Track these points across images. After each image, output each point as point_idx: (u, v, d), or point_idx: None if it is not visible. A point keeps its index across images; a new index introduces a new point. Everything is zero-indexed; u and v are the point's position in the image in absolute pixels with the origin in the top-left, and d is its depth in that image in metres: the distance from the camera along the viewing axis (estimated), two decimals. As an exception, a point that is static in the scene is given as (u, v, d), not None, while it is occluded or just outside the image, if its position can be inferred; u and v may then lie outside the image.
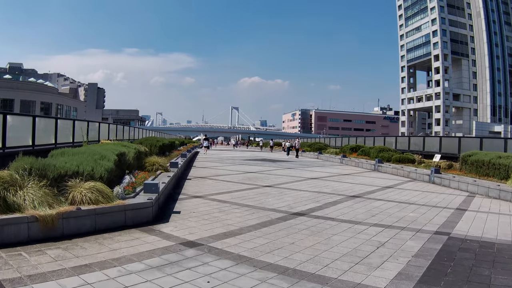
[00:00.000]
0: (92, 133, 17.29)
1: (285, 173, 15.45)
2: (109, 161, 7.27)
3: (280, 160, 25.92)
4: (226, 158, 26.39)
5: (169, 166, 11.63)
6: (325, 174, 16.00)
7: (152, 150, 15.55)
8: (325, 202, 8.88)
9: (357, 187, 12.12)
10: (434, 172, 15.15)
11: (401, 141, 26.77)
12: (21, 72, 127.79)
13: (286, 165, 20.20)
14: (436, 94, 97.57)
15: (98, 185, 6.39)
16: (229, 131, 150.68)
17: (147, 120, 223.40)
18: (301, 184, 12.02)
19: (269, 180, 12.74)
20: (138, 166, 10.12)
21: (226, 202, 8.34)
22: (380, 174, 17.48)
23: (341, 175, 15.74)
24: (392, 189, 12.06)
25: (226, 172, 15.40)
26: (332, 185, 12.22)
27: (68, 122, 15.58)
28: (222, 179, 12.57)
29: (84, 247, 5.05)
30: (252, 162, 22.31)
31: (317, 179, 13.64)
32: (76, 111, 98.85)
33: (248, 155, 31.40)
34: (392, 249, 5.49)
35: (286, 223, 6.67)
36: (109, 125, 19.68)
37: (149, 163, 10.45)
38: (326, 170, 18.02)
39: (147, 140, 16.48)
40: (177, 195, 9.08)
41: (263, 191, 10.17)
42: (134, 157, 9.56)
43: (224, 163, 20.45)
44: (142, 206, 6.39)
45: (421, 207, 9.13)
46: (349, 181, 13.79)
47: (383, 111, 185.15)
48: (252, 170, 16.55)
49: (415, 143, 25.32)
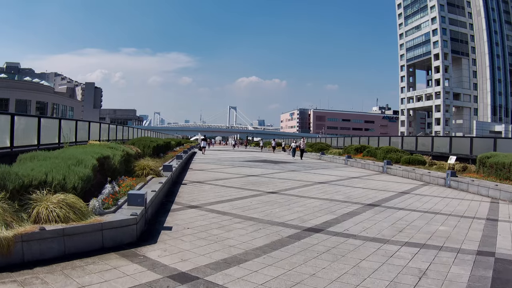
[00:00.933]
0: (81, 133, 16.08)
1: (290, 177, 14.24)
2: (86, 167, 6.05)
3: (282, 161, 24.70)
4: (225, 159, 25.18)
5: (162, 170, 10.41)
6: (332, 177, 14.80)
7: (145, 152, 14.33)
8: (342, 213, 7.68)
9: (371, 193, 10.94)
10: (450, 176, 14.05)
11: (407, 141, 25.59)
12: (18, 71, 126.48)
13: (289, 167, 18.99)
14: (436, 93, 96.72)
15: (69, 197, 5.18)
16: (227, 130, 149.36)
17: (145, 120, 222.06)
18: (309, 190, 10.81)
19: (273, 185, 11.54)
20: (126, 171, 8.89)
21: (227, 214, 7.13)
22: (390, 177, 16.31)
23: (350, 179, 14.55)
24: (410, 195, 10.89)
25: (226, 175, 14.20)
26: (343, 190, 11.02)
27: (54, 121, 14.33)
28: (222, 184, 11.36)
29: (46, 281, 3.86)
30: (253, 163, 21.08)
31: (325, 184, 12.43)
32: (72, 111, 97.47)
33: (248, 156, 30.17)
34: (438, 279, 4.36)
35: (300, 243, 5.46)
36: (101, 124, 18.42)
37: (139, 167, 9.23)
38: (332, 173, 16.82)
39: (140, 141, 15.23)
40: (169, 205, 7.87)
41: (268, 199, 8.96)
42: (121, 161, 8.34)
43: (223, 165, 19.23)
44: (123, 224, 5.17)
45: (448, 218, 8.00)
46: (361, 185, 12.60)
47: (382, 110, 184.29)
48: (253, 173, 15.34)
49: (423, 143, 24.15)
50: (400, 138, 26.49)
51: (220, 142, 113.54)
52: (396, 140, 26.75)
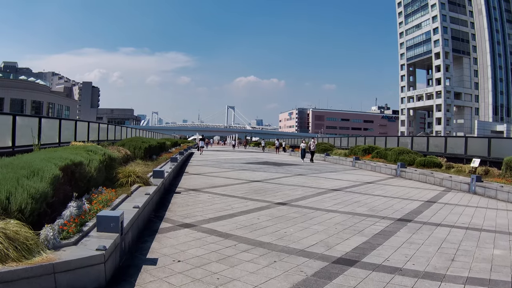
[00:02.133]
0: (67, 134, 14.55)
1: (298, 182, 12.69)
2: (42, 179, 4.51)
3: (285, 163, 23.14)
4: (224, 160, 23.61)
5: (152, 177, 8.86)
6: (345, 182, 13.28)
7: (136, 154, 12.80)
8: (372, 233, 6.17)
9: (395, 202, 9.43)
10: (475, 181, 12.61)
11: (418, 142, 24.11)
12: (16, 71, 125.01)
13: (295, 170, 17.43)
14: (437, 92, 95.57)
15: (10, 226, 3.66)
16: (225, 130, 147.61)
17: (143, 120, 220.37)
18: (324, 199, 9.28)
19: (281, 193, 10.00)
20: (107, 180, 7.36)
21: (230, 237, 5.59)
22: (407, 182, 14.82)
23: (365, 184, 13.03)
24: (438, 205, 9.41)
25: (226, 181, 12.64)
26: (363, 200, 9.49)
27: (33, 119, 12.80)
28: (221, 192, 9.82)
29: None
30: (254, 166, 19.51)
31: (340, 191, 10.89)
32: (68, 110, 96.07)
33: (248, 157, 28.56)
34: None
35: (334, 286, 3.94)
36: (89, 123, 16.83)
37: (123, 173, 7.68)
38: (343, 177, 15.31)
39: (131, 141, 13.67)
40: (158, 223, 6.34)
41: (278, 213, 7.42)
42: (99, 168, 6.79)
43: (222, 168, 17.67)
44: (85, 264, 3.64)
45: (495, 236, 6.65)
46: (379, 192, 11.09)
47: (381, 110, 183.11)
48: (256, 177, 13.78)
49: (435, 144, 22.69)
50: (409, 138, 25.02)
51: (218, 142, 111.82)
52: (405, 141, 25.30)
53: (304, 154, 26.56)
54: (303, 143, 27.18)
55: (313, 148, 25.87)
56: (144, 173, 8.39)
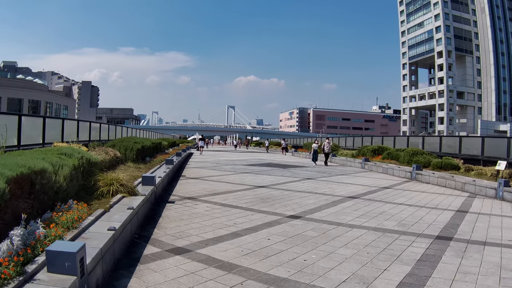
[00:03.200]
0: (52, 133, 13.26)
1: (308, 188, 11.31)
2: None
3: (291, 165, 21.71)
4: (224, 162, 22.23)
5: (141, 183, 7.53)
6: (360, 188, 11.93)
7: (127, 156, 11.49)
8: (414, 259, 4.84)
9: (424, 213, 8.12)
10: (503, 185, 11.32)
11: (429, 142, 22.79)
12: (15, 70, 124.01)
13: (302, 173, 16.07)
14: (440, 91, 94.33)
15: None
16: (225, 130, 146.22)
17: (143, 120, 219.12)
18: (343, 210, 7.93)
19: (292, 202, 8.65)
20: (83, 189, 6.04)
21: (234, 269, 4.25)
22: (425, 186, 13.52)
23: (382, 190, 11.70)
24: (472, 216, 8.12)
25: (227, 186, 11.21)
26: (388, 211, 8.16)
27: (11, 117, 11.53)
28: (222, 201, 8.48)
29: None
30: (258, 169, 18.12)
31: (357, 199, 9.55)
32: (66, 110, 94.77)
33: (250, 158, 27.16)
34: None
35: None
36: (79, 122, 15.53)
37: (104, 181, 6.35)
38: (356, 181, 13.96)
39: (122, 142, 12.31)
40: (142, 246, 5.00)
41: (292, 230, 6.07)
42: (73, 176, 5.47)
43: (223, 171, 16.32)
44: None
45: None
46: (401, 200, 9.78)
47: (382, 110, 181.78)
48: (261, 182, 12.40)
49: (449, 144, 21.37)
50: (420, 138, 23.67)
51: (219, 142, 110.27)
52: (415, 141, 23.96)
53: (316, 156, 23.14)
54: (315, 143, 23.85)
55: (328, 150, 22.78)
56: (131, 179, 7.07)
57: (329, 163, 23.95)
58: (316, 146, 23.44)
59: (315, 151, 23.15)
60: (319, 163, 23.13)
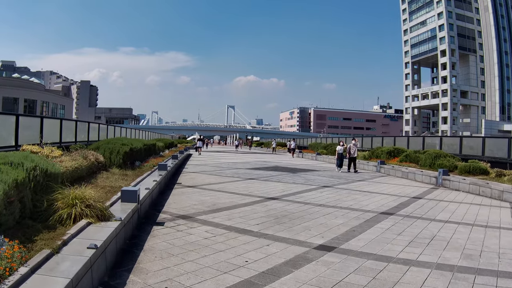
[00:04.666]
0: (29, 134, 11.49)
1: (329, 199, 9.49)
2: None
3: (299, 168, 19.80)
4: (226, 165, 20.39)
5: (121, 200, 5.71)
6: (387, 198, 10.14)
7: (112, 160, 9.70)
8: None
9: (483, 236, 6.41)
10: (555, 195, 9.59)
11: (449, 143, 20.99)
12: (14, 70, 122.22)
13: (316, 180, 14.20)
14: (443, 91, 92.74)
15: None
16: (225, 130, 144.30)
17: (143, 119, 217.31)
18: (385, 235, 6.10)
19: (316, 222, 6.78)
20: (33, 214, 4.24)
21: None
22: (458, 195, 11.77)
23: (414, 201, 9.94)
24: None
25: (231, 198, 9.30)
26: (438, 233, 6.41)
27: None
28: (226, 222, 6.56)
29: None
30: (264, 173, 16.25)
31: (394, 215, 7.73)
32: (63, 109, 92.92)
33: (253, 160, 25.30)
34: None
35: None
36: (62, 121, 13.69)
37: (65, 201, 4.55)
38: (379, 189, 12.18)
39: (108, 144, 10.49)
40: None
41: (330, 275, 4.29)
42: (11, 197, 3.68)
43: (224, 176, 14.49)
44: None
45: None
46: (444, 216, 8.02)
47: (383, 109, 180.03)
48: (271, 191, 10.57)
49: (471, 145, 19.57)
50: (438, 139, 21.91)
51: (219, 142, 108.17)
52: (432, 142, 22.22)
53: (341, 160, 19.19)
54: (340, 145, 19.80)
55: (354, 154, 18.75)
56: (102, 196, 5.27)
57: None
58: (341, 149, 19.56)
59: (340, 155, 19.34)
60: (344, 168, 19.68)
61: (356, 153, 18.96)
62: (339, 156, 19.14)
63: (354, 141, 19.29)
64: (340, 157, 19.09)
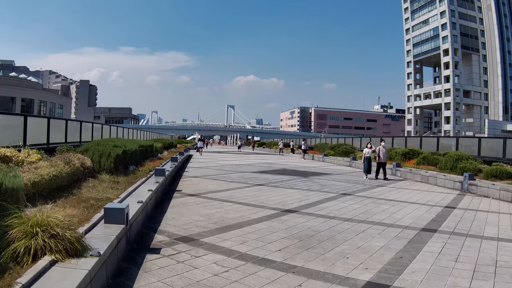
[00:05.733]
0: (8, 133, 10.23)
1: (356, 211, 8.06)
2: None
3: (309, 171, 18.33)
4: (229, 168, 19.06)
5: (104, 221, 4.40)
6: (419, 208, 8.82)
7: (102, 164, 8.41)
8: None
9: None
10: None
11: (465, 144, 19.72)
12: (13, 69, 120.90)
13: (333, 185, 12.73)
14: (446, 90, 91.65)
15: None
16: (225, 129, 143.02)
17: (143, 119, 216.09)
18: (441, 264, 4.72)
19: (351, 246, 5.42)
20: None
21: None
22: (491, 203, 10.51)
23: (449, 210, 8.66)
24: None
25: (240, 210, 7.78)
26: (501, 259, 5.12)
27: None
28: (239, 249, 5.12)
29: None
30: (273, 178, 14.80)
31: (438, 233, 6.40)
32: (61, 109, 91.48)
33: (258, 162, 23.91)
34: None
35: None
36: (49, 120, 12.40)
37: (22, 229, 3.26)
38: (404, 196, 10.84)
39: (98, 146, 9.17)
40: None
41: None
42: None
43: (230, 181, 13.08)
44: None
45: None
46: (491, 232, 6.76)
47: (384, 109, 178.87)
48: (286, 201, 9.15)
49: (491, 147, 18.30)
50: (454, 140, 20.63)
51: (219, 142, 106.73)
52: (448, 143, 20.94)
53: (369, 166, 16.02)
54: (367, 147, 16.41)
55: (384, 158, 15.96)
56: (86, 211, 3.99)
57: (349, 167, 20.65)
58: (369, 152, 16.12)
59: (369, 159, 16.02)
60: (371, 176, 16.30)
61: (385, 157, 16.20)
62: (368, 161, 16.07)
63: (383, 142, 16.51)
64: (369, 162, 16.08)
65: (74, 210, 4.84)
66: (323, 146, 31.08)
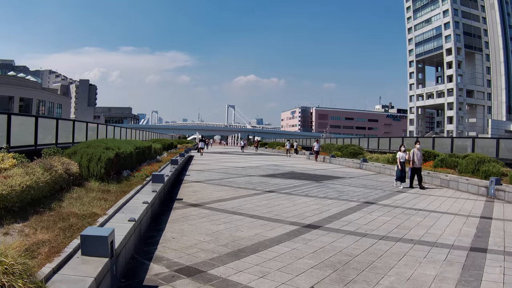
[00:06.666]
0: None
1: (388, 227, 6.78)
2: None
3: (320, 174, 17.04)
4: (234, 171, 17.90)
5: (81, 252, 3.35)
6: (457, 221, 7.67)
7: (91, 170, 7.32)
8: None
9: None
10: None
11: (482, 145, 18.65)
12: (12, 68, 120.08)
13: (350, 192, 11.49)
14: (449, 90, 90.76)
15: None
16: (225, 129, 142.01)
17: (143, 119, 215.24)
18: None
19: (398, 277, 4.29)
20: None
21: None
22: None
23: (487, 221, 7.64)
24: None
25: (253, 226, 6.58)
26: None
27: None
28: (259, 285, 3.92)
29: None
30: (283, 182, 13.60)
31: (490, 254, 5.34)
32: (60, 108, 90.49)
33: (264, 164, 22.71)
34: None
35: None
36: (37, 119, 11.29)
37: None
38: (433, 204, 9.73)
39: (88, 148, 8.06)
40: None
41: None
42: None
43: (237, 187, 11.86)
44: None
45: None
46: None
47: (385, 109, 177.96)
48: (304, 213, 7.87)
49: (509, 148, 17.22)
50: (469, 141, 19.54)
51: (220, 142, 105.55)
52: (463, 143, 19.89)
53: (404, 172, 13.79)
54: (401, 150, 14.17)
55: (419, 163, 13.68)
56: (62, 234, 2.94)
57: (360, 170, 19.45)
58: (403, 157, 13.88)
59: (403, 164, 13.77)
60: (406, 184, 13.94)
61: (421, 162, 13.88)
62: (401, 166, 13.75)
63: (418, 144, 14.04)
64: (403, 168, 13.79)
65: (46, 234, 3.77)
66: (329, 147, 29.92)
